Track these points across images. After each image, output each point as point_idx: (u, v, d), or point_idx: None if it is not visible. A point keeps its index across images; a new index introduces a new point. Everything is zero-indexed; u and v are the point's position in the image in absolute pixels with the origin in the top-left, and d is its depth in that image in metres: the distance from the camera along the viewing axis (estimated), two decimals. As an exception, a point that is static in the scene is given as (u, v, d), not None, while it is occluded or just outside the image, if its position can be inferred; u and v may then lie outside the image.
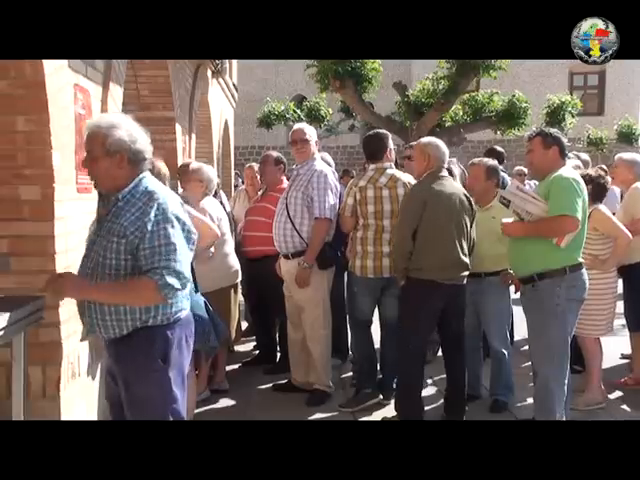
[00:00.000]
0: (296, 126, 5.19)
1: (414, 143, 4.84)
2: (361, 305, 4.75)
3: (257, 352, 6.00)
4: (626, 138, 19.27)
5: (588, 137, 19.24)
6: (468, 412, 4.47)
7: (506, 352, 4.79)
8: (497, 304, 4.75)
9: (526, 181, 8.08)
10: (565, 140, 4.10)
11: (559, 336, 3.89)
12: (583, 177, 4.64)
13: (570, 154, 6.38)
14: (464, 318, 4.48)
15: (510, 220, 4.06)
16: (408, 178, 4.73)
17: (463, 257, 4.31)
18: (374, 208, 4.60)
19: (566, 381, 3.98)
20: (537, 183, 4.40)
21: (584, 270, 3.99)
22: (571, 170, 4.04)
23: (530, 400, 4.53)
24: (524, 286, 4.04)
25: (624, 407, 4.92)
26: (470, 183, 4.90)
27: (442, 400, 4.58)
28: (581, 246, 3.98)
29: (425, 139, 4.56)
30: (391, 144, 4.84)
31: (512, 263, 4.22)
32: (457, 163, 5.43)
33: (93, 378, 3.77)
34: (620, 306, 5.15)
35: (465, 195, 4.39)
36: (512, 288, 4.62)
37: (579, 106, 15.82)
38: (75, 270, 3.45)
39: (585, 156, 6.92)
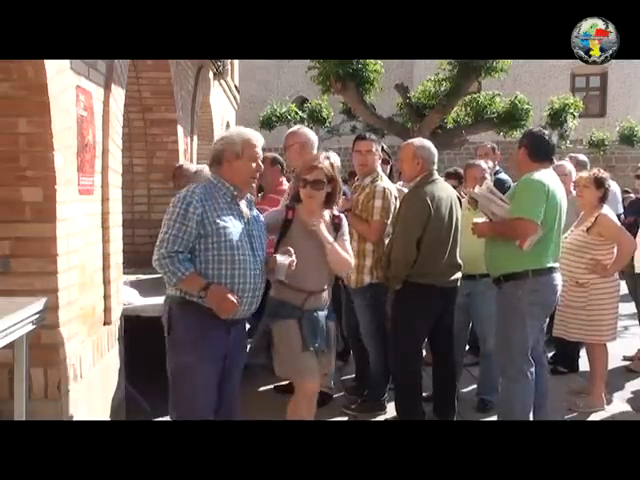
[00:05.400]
0: (291, 130, 5.15)
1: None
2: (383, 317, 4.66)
3: (259, 354, 6.00)
4: (628, 140, 19.27)
5: (590, 139, 19.23)
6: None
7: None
8: (490, 306, 4.75)
9: None
10: (553, 142, 4.03)
11: (519, 338, 3.86)
12: (593, 179, 4.61)
13: (566, 157, 6.35)
14: (454, 319, 4.47)
15: (482, 220, 4.04)
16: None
17: (459, 259, 4.32)
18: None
19: (531, 384, 3.92)
20: None
21: (555, 275, 3.90)
22: (546, 174, 3.89)
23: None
24: (495, 287, 4.04)
25: (624, 407, 4.92)
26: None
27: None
28: (550, 250, 3.88)
29: (416, 141, 4.46)
30: None
31: (485, 264, 4.19)
32: None
33: (95, 380, 3.77)
34: (622, 309, 5.13)
35: (457, 196, 4.41)
36: None
37: (581, 108, 15.83)
38: (77, 270, 3.49)
39: (582, 157, 6.90)
